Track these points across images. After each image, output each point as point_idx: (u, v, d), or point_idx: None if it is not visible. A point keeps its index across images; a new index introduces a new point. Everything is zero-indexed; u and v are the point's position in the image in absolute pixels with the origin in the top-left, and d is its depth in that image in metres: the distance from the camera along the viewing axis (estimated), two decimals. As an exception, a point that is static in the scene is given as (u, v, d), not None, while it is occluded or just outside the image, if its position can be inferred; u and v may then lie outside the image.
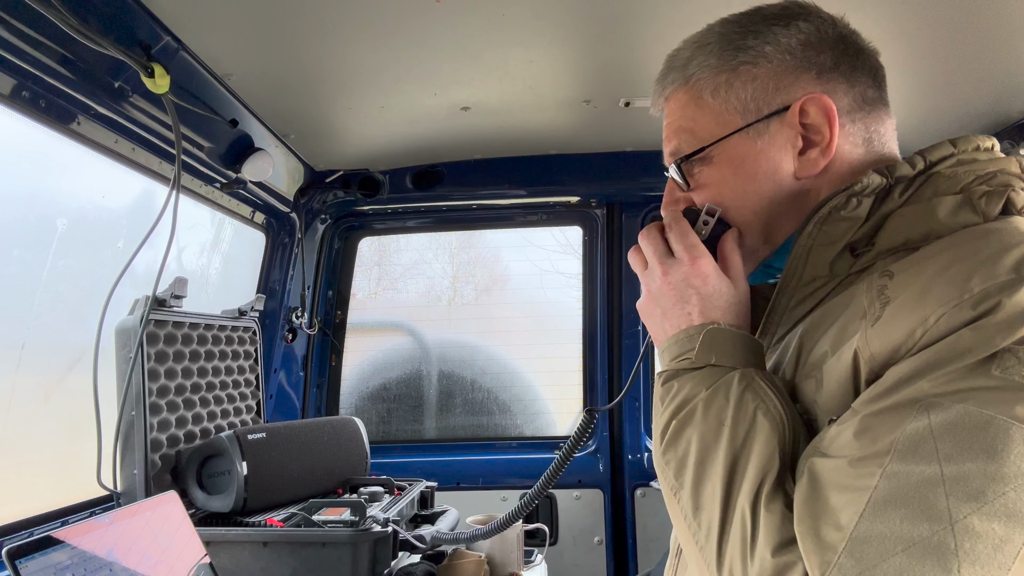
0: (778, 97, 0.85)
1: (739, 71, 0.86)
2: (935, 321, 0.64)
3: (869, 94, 0.87)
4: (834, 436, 0.68)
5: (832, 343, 0.74)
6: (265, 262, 2.40)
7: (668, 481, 0.80)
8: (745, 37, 0.86)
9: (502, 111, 1.99)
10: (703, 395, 0.78)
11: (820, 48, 0.85)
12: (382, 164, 2.41)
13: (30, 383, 1.55)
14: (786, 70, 0.85)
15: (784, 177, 0.85)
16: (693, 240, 0.86)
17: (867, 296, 0.72)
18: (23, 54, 1.20)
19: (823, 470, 0.67)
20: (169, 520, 1.24)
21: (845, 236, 0.80)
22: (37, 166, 1.49)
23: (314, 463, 1.76)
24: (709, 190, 0.89)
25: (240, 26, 1.42)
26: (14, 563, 0.93)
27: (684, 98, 0.90)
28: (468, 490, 2.55)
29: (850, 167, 0.85)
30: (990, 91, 1.85)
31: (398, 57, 1.60)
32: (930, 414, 0.61)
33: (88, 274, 1.67)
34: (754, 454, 0.72)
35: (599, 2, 1.40)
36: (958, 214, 0.75)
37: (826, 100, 0.82)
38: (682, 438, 0.78)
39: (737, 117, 0.86)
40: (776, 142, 0.85)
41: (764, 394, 0.75)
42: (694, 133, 0.89)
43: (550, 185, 2.53)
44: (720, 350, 0.80)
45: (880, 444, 0.63)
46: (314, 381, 2.67)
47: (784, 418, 0.73)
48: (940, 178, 0.78)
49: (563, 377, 2.78)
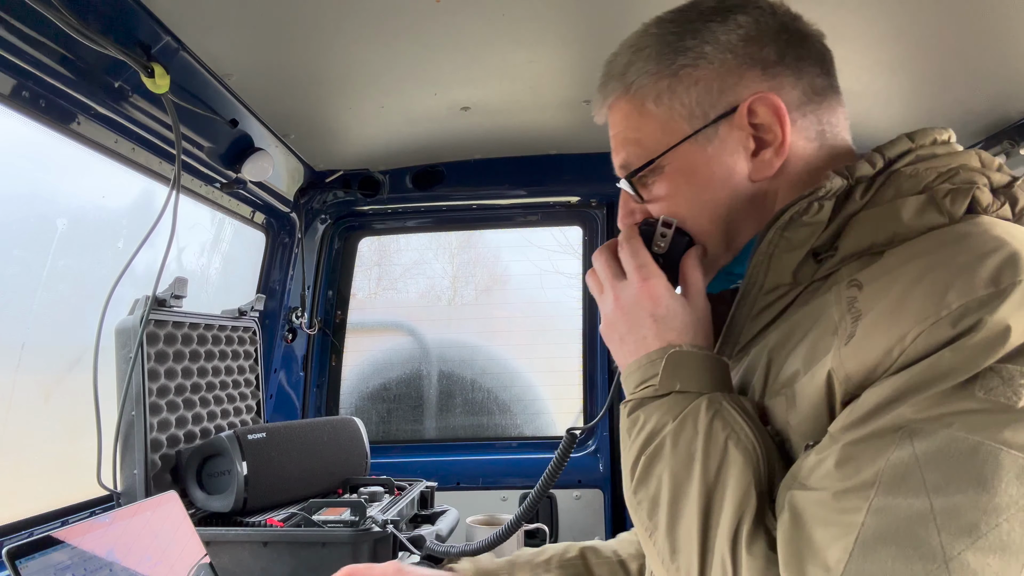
0: (724, 99, 0.81)
1: (680, 75, 0.82)
2: (912, 340, 0.61)
3: (818, 83, 0.83)
4: (814, 466, 0.65)
5: (804, 360, 0.71)
6: (265, 262, 2.40)
7: (642, 522, 0.76)
8: (683, 37, 0.83)
9: (502, 111, 1.99)
10: (671, 427, 0.74)
11: (762, 41, 0.81)
12: (382, 164, 2.41)
13: (30, 383, 1.55)
14: (729, 70, 0.81)
15: (739, 181, 0.82)
16: (643, 259, 0.83)
17: (837, 309, 0.69)
18: (23, 54, 1.20)
19: (806, 504, 0.63)
20: (169, 520, 1.24)
21: (808, 242, 0.76)
22: (37, 166, 1.49)
23: (314, 463, 1.76)
24: (664, 202, 0.86)
25: (240, 26, 1.42)
26: (14, 563, 0.93)
27: (626, 108, 0.87)
28: (468, 490, 2.55)
29: (806, 163, 0.82)
30: (989, 91, 1.85)
31: (398, 57, 1.60)
32: (914, 441, 0.59)
33: (88, 274, 1.67)
34: (729, 490, 0.68)
35: (599, 2, 1.40)
36: (923, 215, 0.71)
37: (774, 99, 0.79)
38: (652, 475, 0.74)
39: (684, 124, 0.83)
40: (727, 146, 0.82)
41: (734, 422, 0.71)
42: (641, 144, 0.86)
43: (550, 185, 2.53)
44: (684, 375, 0.77)
45: (864, 475, 0.60)
46: (314, 381, 2.67)
47: (757, 447, 0.70)
48: (901, 177, 0.75)
49: (563, 377, 2.78)
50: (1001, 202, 0.73)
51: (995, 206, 0.73)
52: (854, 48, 1.58)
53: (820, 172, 0.79)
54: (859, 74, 1.71)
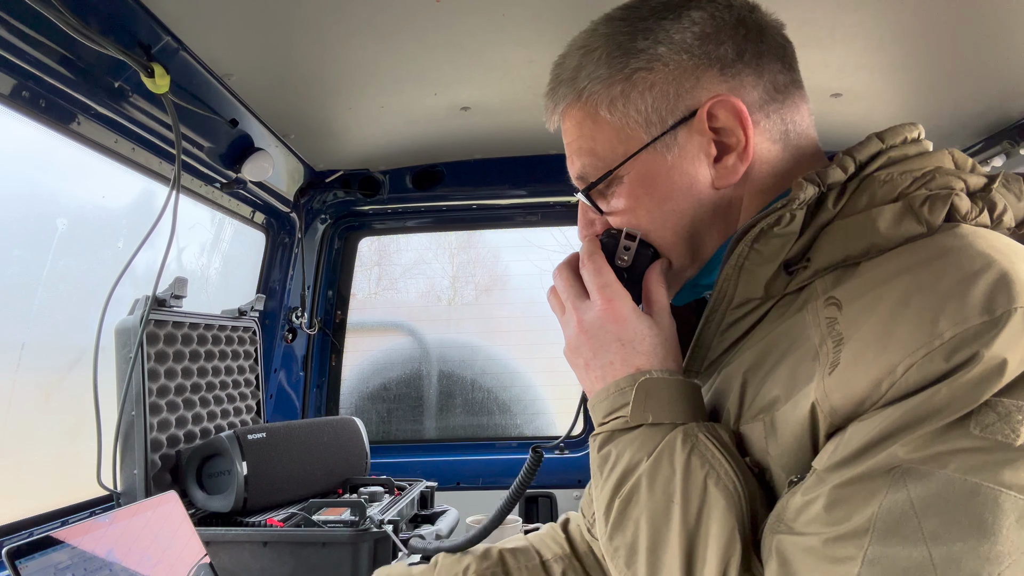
0: (681, 103, 0.76)
1: (634, 79, 0.77)
2: (903, 372, 0.57)
3: (780, 80, 0.78)
4: (801, 507, 0.61)
5: (784, 387, 0.67)
6: (265, 262, 2.40)
7: (619, 570, 0.71)
8: (634, 38, 0.77)
9: (502, 111, 1.99)
10: (646, 465, 0.69)
11: (719, 39, 0.76)
12: (382, 164, 2.41)
13: (30, 383, 1.55)
14: (685, 71, 0.76)
15: (702, 190, 0.77)
16: (607, 279, 0.79)
17: (816, 331, 0.65)
18: (23, 54, 1.20)
19: (794, 552, 0.60)
20: (169, 520, 1.24)
21: (780, 254, 0.71)
22: (37, 166, 1.49)
23: (314, 463, 1.76)
24: (624, 215, 0.81)
25: (240, 26, 1.42)
26: (14, 563, 0.93)
27: (579, 115, 0.81)
28: (468, 490, 2.55)
29: (771, 167, 0.77)
30: (989, 91, 1.85)
31: (398, 57, 1.60)
32: (908, 484, 0.55)
33: (88, 274, 1.67)
34: (712, 537, 0.64)
35: (599, 2, 1.39)
36: (900, 225, 0.67)
37: (734, 101, 0.74)
38: (629, 520, 0.70)
39: (640, 131, 0.77)
40: (688, 153, 0.77)
41: (712, 457, 0.67)
42: (596, 154, 0.80)
43: (550, 185, 2.53)
44: (657, 404, 0.72)
45: (856, 521, 0.56)
46: (314, 381, 2.67)
47: (738, 486, 0.66)
48: (875, 183, 0.70)
49: (563, 377, 2.76)
50: (979, 208, 0.69)
51: (973, 213, 0.69)
52: (854, 49, 1.58)
53: (787, 176, 0.76)
54: (859, 74, 1.71)
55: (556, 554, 1.10)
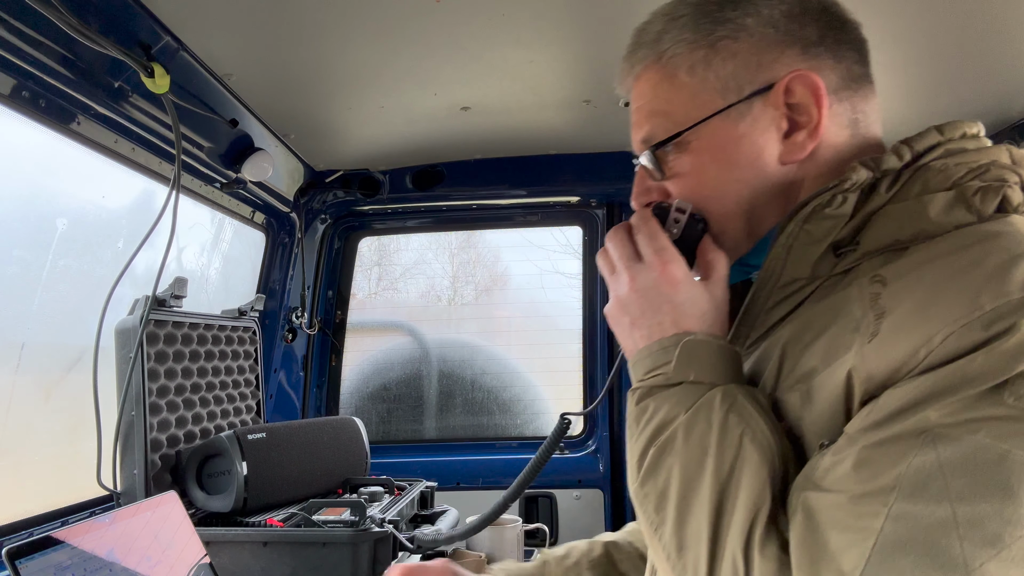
0: (761, 75, 0.77)
1: (718, 46, 0.78)
2: (941, 341, 0.58)
3: (855, 70, 0.80)
4: (829, 467, 0.62)
5: (822, 356, 0.68)
6: (265, 262, 2.40)
7: (648, 516, 0.72)
8: (723, 8, 0.79)
9: (502, 111, 1.99)
10: (683, 418, 0.71)
11: (804, 20, 0.78)
12: (382, 164, 2.41)
13: (30, 383, 1.55)
14: (769, 45, 0.77)
15: (768, 163, 0.78)
16: (663, 243, 0.79)
17: (859, 305, 0.67)
18: (23, 54, 1.20)
19: (820, 507, 0.61)
20: (169, 520, 1.24)
21: (829, 235, 0.73)
22: (37, 166, 1.49)
23: (314, 463, 1.76)
24: (686, 179, 0.82)
25: (240, 26, 1.42)
26: (14, 563, 0.93)
27: (656, 77, 0.82)
28: (468, 490, 2.55)
29: (836, 151, 0.79)
30: (990, 91, 1.85)
31: (398, 57, 1.60)
32: (938, 447, 0.56)
33: (88, 274, 1.67)
34: (743, 488, 0.65)
35: (599, 2, 1.39)
36: (951, 212, 0.68)
37: (814, 77, 0.76)
38: (662, 468, 0.71)
39: (716, 97, 0.78)
40: (759, 124, 0.78)
41: (750, 416, 0.68)
42: (669, 116, 0.81)
43: (550, 185, 2.53)
44: (699, 364, 0.73)
45: (883, 479, 0.58)
46: (314, 381, 2.67)
47: (772, 444, 0.67)
48: (930, 172, 0.72)
49: (563, 377, 2.78)
50: None
51: None
52: (854, 48, 1.58)
53: (849, 163, 0.76)
54: (859, 74, 1.71)
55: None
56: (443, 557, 1.66)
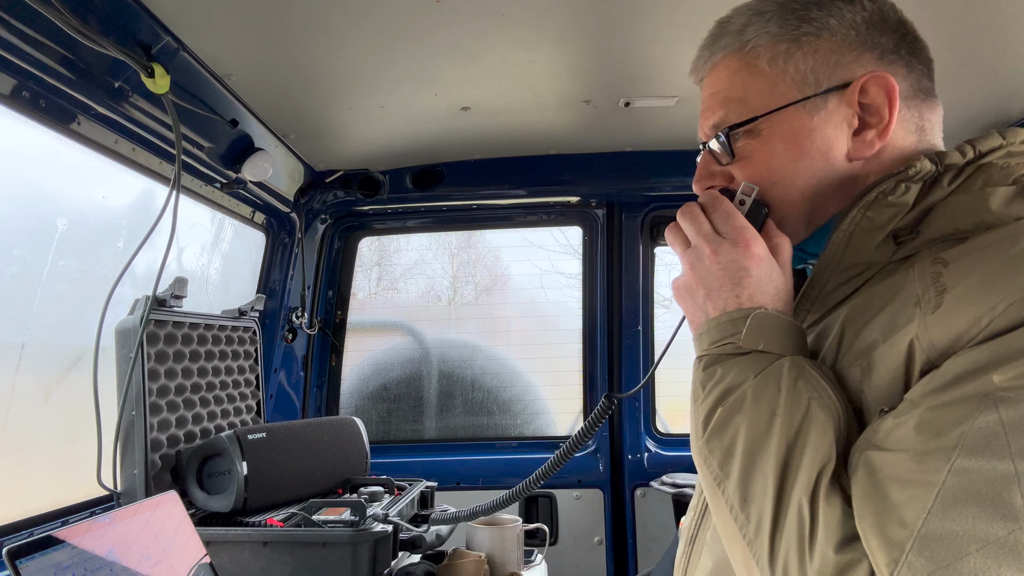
0: (839, 73, 0.82)
1: (801, 42, 0.83)
2: (1004, 310, 0.61)
3: (924, 84, 0.85)
4: (891, 429, 0.65)
5: (883, 330, 0.71)
6: (265, 262, 2.40)
7: (712, 471, 0.75)
8: (808, 8, 0.83)
9: (502, 111, 1.99)
10: (752, 382, 0.74)
11: (883, 29, 0.83)
12: (382, 164, 2.41)
13: (30, 383, 1.55)
14: (849, 46, 0.82)
15: (836, 157, 0.82)
16: (742, 221, 0.82)
17: (920, 283, 0.70)
18: (23, 54, 1.20)
19: (882, 464, 0.64)
20: (169, 520, 1.24)
21: (890, 223, 0.77)
22: (37, 166, 1.49)
23: (314, 463, 1.76)
24: (755, 164, 0.85)
25: (240, 26, 1.42)
26: (14, 563, 0.93)
27: (736, 65, 0.86)
28: (468, 490, 2.55)
29: (901, 153, 0.82)
30: (990, 91, 1.85)
31: (398, 57, 1.60)
32: (1000, 408, 0.59)
33: (88, 274, 1.67)
34: (810, 446, 0.68)
35: (599, 2, 1.40)
36: (1012, 205, 0.72)
37: (890, 79, 0.80)
38: (729, 426, 0.74)
39: (793, 89, 0.83)
40: (832, 119, 0.82)
41: (817, 383, 0.72)
42: (745, 103, 0.85)
43: (550, 185, 2.53)
44: (768, 336, 0.77)
45: (946, 438, 0.60)
46: (314, 381, 2.67)
47: (839, 409, 0.70)
48: (992, 168, 0.76)
49: (563, 377, 2.78)
50: None
51: None
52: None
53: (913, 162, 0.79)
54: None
55: None
56: (443, 555, 1.66)
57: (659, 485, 2.45)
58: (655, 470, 2.57)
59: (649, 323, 2.69)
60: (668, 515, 2.53)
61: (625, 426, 2.64)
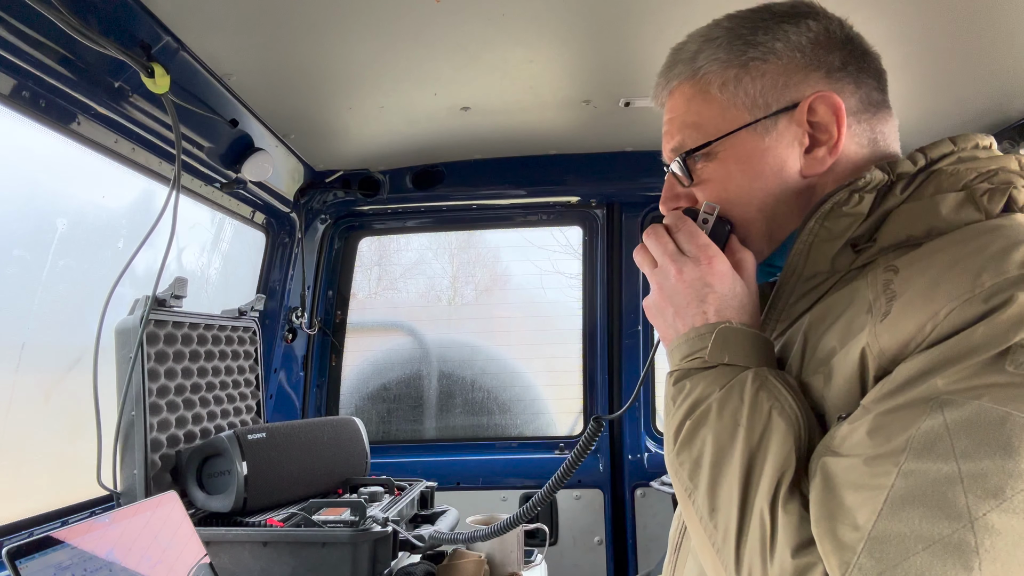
0: (787, 94, 0.85)
1: (749, 67, 0.86)
2: (945, 315, 0.64)
3: (874, 96, 0.88)
4: (846, 435, 0.68)
5: (840, 338, 0.74)
6: (265, 262, 2.40)
7: (682, 482, 0.78)
8: (755, 33, 0.86)
9: (502, 111, 1.99)
10: (717, 395, 0.77)
11: (829, 48, 0.85)
12: (382, 164, 2.41)
13: (30, 383, 1.55)
14: (796, 68, 0.85)
15: (790, 175, 0.85)
16: (705, 240, 0.86)
17: (872, 290, 0.73)
18: (23, 54, 1.20)
19: (837, 469, 0.66)
20: (169, 520, 1.24)
21: (847, 232, 0.80)
22: (37, 166, 1.49)
23: (314, 463, 1.76)
24: (713, 186, 0.88)
25: (240, 26, 1.42)
26: (14, 563, 0.93)
27: (690, 91, 0.90)
28: (468, 490, 2.55)
29: (855, 166, 0.85)
30: (990, 91, 1.85)
31: (398, 57, 1.60)
32: (944, 411, 0.61)
33: (88, 274, 1.67)
34: (771, 454, 0.71)
35: (599, 2, 1.40)
36: (961, 211, 0.75)
37: (835, 98, 0.83)
38: (696, 438, 0.77)
39: (744, 112, 0.86)
40: (783, 139, 0.85)
41: (778, 393, 0.74)
42: (700, 128, 0.88)
43: (550, 185, 2.53)
44: (733, 349, 0.79)
45: (895, 442, 0.63)
46: (314, 381, 2.67)
47: (799, 417, 0.73)
48: (942, 175, 0.78)
49: (563, 377, 2.78)
50: None
51: None
52: (854, 48, 1.58)
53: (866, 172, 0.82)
54: (859, 74, 1.71)
55: None
56: (443, 555, 1.66)
57: (659, 485, 2.45)
58: (655, 470, 2.57)
59: (649, 323, 2.68)
60: (668, 515, 2.53)
61: (625, 426, 2.64)
